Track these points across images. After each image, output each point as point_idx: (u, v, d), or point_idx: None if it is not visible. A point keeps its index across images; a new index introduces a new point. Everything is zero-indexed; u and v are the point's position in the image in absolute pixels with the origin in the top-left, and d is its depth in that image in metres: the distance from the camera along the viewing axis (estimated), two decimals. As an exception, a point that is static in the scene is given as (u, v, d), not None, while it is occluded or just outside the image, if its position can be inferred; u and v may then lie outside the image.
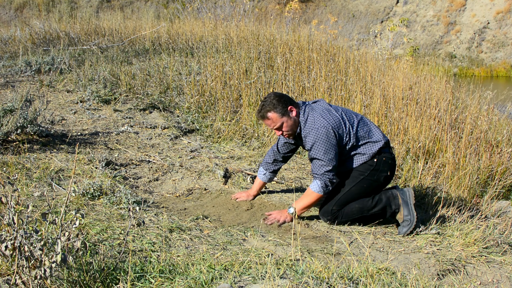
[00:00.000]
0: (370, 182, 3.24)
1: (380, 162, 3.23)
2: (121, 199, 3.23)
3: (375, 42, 11.40)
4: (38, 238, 1.96)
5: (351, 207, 3.25)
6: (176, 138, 4.67)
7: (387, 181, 3.31)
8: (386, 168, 3.25)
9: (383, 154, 3.25)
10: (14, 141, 3.94)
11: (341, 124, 3.17)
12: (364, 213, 3.26)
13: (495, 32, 29.30)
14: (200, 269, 2.32)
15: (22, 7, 28.46)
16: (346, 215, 3.26)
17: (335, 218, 3.26)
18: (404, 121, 5.12)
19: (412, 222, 3.17)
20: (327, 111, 3.20)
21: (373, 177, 3.23)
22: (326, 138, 3.09)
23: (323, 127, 3.09)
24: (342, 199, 3.24)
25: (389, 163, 3.26)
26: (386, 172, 3.25)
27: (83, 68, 5.72)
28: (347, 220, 3.28)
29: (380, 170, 3.23)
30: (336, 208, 3.24)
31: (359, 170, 3.25)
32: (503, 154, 5.00)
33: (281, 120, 3.17)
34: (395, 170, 3.35)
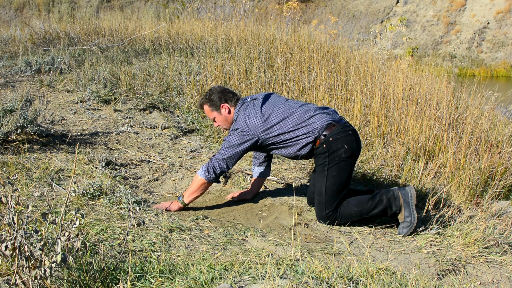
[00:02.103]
0: (337, 167, 3.20)
1: (329, 144, 3.19)
2: (121, 199, 3.23)
3: (375, 42, 11.40)
4: (38, 238, 1.96)
5: (349, 210, 3.24)
6: (176, 138, 4.67)
7: (352, 153, 3.24)
8: (340, 145, 3.19)
9: (328, 135, 3.20)
10: (14, 141, 3.95)
11: (261, 128, 3.23)
12: (364, 215, 3.26)
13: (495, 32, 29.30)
14: (200, 269, 2.32)
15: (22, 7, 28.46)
16: (345, 217, 3.25)
17: (333, 220, 3.26)
18: (404, 121, 5.12)
19: (412, 224, 3.17)
20: (253, 114, 3.27)
21: (335, 160, 3.19)
22: (238, 139, 3.21)
23: (241, 130, 3.23)
24: (328, 199, 3.22)
25: (339, 138, 3.20)
26: (343, 147, 3.19)
27: (83, 68, 5.72)
28: (346, 222, 3.27)
29: (335, 150, 3.19)
30: (329, 210, 3.23)
31: (320, 164, 3.23)
32: (503, 154, 5.00)
33: (213, 114, 3.43)
34: (353, 139, 3.27)
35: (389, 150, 4.85)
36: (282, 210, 3.48)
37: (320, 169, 3.25)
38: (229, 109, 3.39)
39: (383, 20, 30.53)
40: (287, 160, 4.52)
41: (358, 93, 5.59)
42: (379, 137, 5.10)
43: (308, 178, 4.23)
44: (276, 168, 4.31)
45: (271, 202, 3.63)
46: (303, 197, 3.81)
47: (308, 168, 4.41)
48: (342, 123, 3.27)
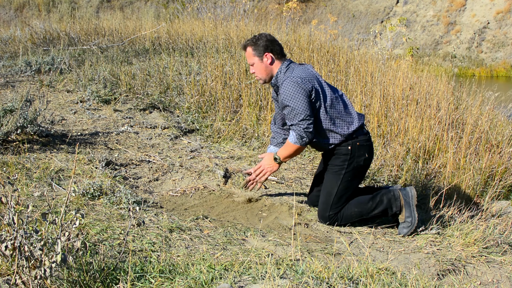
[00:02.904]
0: (353, 172, 3.23)
1: (355, 148, 3.21)
2: (121, 199, 3.23)
3: (375, 42, 11.40)
4: (38, 238, 1.96)
5: (350, 211, 3.24)
6: (176, 138, 4.67)
7: (369, 162, 3.30)
8: (362, 152, 3.23)
9: (357, 138, 3.23)
10: (14, 141, 3.94)
11: (318, 86, 3.18)
12: (364, 216, 3.26)
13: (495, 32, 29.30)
14: (200, 269, 2.32)
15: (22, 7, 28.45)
16: (345, 218, 3.25)
17: (334, 222, 3.26)
18: (404, 121, 5.12)
19: (413, 224, 3.17)
20: (309, 71, 3.23)
21: (353, 165, 3.22)
22: (300, 88, 3.10)
23: (299, 78, 3.13)
24: (335, 201, 3.23)
25: (364, 146, 3.24)
26: (364, 155, 3.23)
27: (83, 68, 5.72)
28: (346, 223, 3.28)
29: (357, 155, 3.22)
30: (333, 212, 3.24)
31: (338, 165, 3.23)
32: (503, 154, 5.00)
33: (253, 60, 3.30)
34: (373, 150, 3.35)
35: (389, 150, 4.85)
36: (282, 210, 3.48)
37: (335, 170, 3.25)
38: (272, 59, 3.26)
39: (383, 20, 30.53)
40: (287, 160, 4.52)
41: (358, 93, 5.58)
42: (379, 137, 5.10)
43: (308, 178, 4.23)
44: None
45: (271, 202, 3.63)
46: (303, 197, 3.81)
47: (308, 168, 4.41)
48: (367, 131, 3.34)
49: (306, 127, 3.11)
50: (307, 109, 3.10)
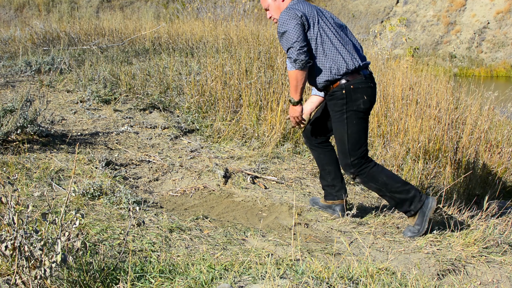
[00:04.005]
0: (355, 115, 3.16)
1: (349, 91, 3.14)
2: (121, 199, 3.23)
3: (375, 42, 11.39)
4: (38, 238, 1.96)
5: (378, 175, 3.18)
6: (176, 138, 4.67)
7: (370, 104, 3.20)
8: (359, 95, 3.15)
9: (351, 81, 3.15)
10: (14, 141, 3.95)
11: (316, 18, 3.15)
12: (385, 190, 3.19)
13: (495, 32, 29.31)
14: (200, 269, 2.32)
15: (22, 7, 28.46)
16: (371, 178, 3.19)
17: (359, 170, 3.19)
18: (404, 121, 5.12)
19: (419, 233, 3.16)
20: (310, 5, 3.20)
21: (352, 109, 3.15)
22: (293, 14, 3.08)
23: (294, 7, 3.13)
24: (351, 147, 3.17)
25: (360, 88, 3.16)
26: (362, 98, 3.15)
27: (83, 68, 5.72)
28: (368, 183, 3.22)
29: (354, 99, 3.15)
30: (354, 158, 3.17)
31: (338, 111, 3.18)
32: (503, 154, 5.00)
33: (267, 2, 3.31)
34: (374, 92, 3.25)
35: (389, 150, 4.85)
36: (282, 210, 3.48)
37: (338, 116, 3.20)
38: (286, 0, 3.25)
39: (383, 20, 30.53)
40: (287, 160, 4.53)
41: (358, 93, 5.58)
42: (379, 137, 5.10)
43: (308, 178, 4.23)
44: (276, 168, 4.31)
45: (271, 202, 3.63)
46: (303, 197, 3.81)
47: (309, 168, 4.41)
48: (367, 74, 3.23)
49: (299, 49, 3.05)
50: (300, 33, 3.06)
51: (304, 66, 3.10)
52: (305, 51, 3.07)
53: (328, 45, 3.15)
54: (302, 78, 3.14)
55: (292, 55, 3.07)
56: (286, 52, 3.12)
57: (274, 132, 4.82)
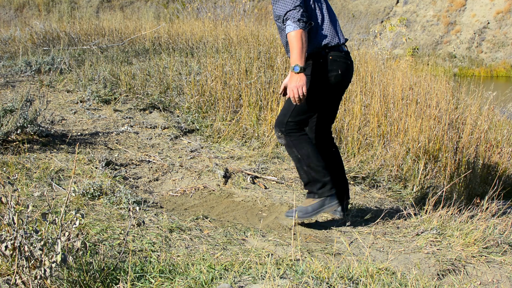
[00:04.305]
0: (321, 86, 3.07)
1: (326, 61, 3.06)
2: (121, 199, 3.23)
3: (375, 42, 11.40)
4: (38, 238, 1.96)
5: (305, 145, 3.08)
6: (176, 138, 4.67)
7: (340, 80, 3.11)
8: (335, 67, 3.07)
9: (330, 53, 3.08)
10: (14, 141, 3.95)
11: None
12: (302, 161, 3.09)
13: (495, 32, 29.31)
14: (200, 269, 2.32)
15: (22, 7, 28.46)
16: (297, 144, 3.08)
17: (288, 133, 3.08)
18: (404, 121, 5.12)
19: (304, 215, 3.09)
20: None
21: (321, 78, 3.06)
22: None
23: None
24: (296, 109, 3.05)
25: (337, 61, 3.08)
26: (336, 71, 3.07)
27: (83, 68, 5.72)
28: (293, 146, 3.09)
29: (329, 70, 3.06)
30: (292, 120, 3.06)
31: (307, 75, 3.03)
32: (503, 154, 5.00)
33: None
34: (349, 70, 3.15)
35: (389, 150, 4.85)
36: (282, 210, 3.48)
37: None
38: None
39: (383, 20, 30.53)
40: (287, 160, 4.53)
41: (358, 93, 5.59)
42: (379, 137, 5.10)
43: (308, 178, 4.23)
44: (276, 168, 4.31)
45: (271, 202, 3.63)
46: (303, 197, 3.81)
47: (308, 168, 4.41)
48: (346, 51, 3.18)
49: (303, 11, 2.93)
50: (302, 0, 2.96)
51: (307, 26, 2.97)
52: (307, 15, 2.97)
53: (319, 17, 3.08)
54: (306, 39, 2.96)
55: (296, 15, 2.91)
56: (284, 15, 2.97)
57: (274, 133, 4.82)
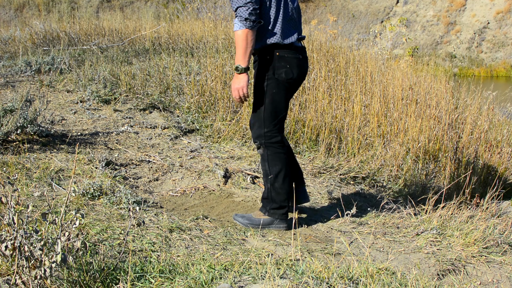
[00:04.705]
0: (276, 84, 3.06)
1: (274, 58, 3.05)
2: (121, 199, 3.23)
3: (375, 42, 11.40)
4: (38, 238, 1.96)
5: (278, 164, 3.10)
6: (176, 138, 4.67)
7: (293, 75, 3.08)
8: (283, 63, 3.05)
9: (278, 50, 3.05)
10: (14, 141, 3.95)
11: None
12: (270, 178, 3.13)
13: (495, 32, 29.31)
14: (200, 269, 2.32)
15: (22, 7, 28.46)
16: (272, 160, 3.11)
17: (269, 143, 3.10)
18: (404, 121, 5.12)
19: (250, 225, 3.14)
20: None
21: (274, 76, 3.05)
22: None
23: None
24: (267, 116, 3.07)
25: (285, 57, 3.06)
26: (285, 67, 3.05)
27: (83, 68, 5.72)
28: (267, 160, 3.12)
29: (277, 67, 3.04)
30: (268, 129, 3.08)
31: (259, 76, 3.07)
32: (503, 154, 5.01)
33: None
34: (300, 65, 3.12)
35: (389, 150, 4.85)
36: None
37: (259, 83, 3.09)
38: None
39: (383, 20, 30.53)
40: (287, 160, 4.52)
41: (358, 93, 5.59)
42: (379, 137, 5.10)
43: (308, 177, 4.23)
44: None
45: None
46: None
47: (309, 168, 4.41)
48: (299, 46, 3.14)
49: (252, 9, 2.90)
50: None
51: (254, 26, 2.94)
52: (258, 14, 2.94)
53: (272, 14, 3.04)
54: (252, 39, 2.95)
55: (243, 14, 2.90)
56: (235, 11, 2.96)
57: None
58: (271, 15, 3.03)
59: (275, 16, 3.04)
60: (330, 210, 3.57)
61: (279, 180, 3.11)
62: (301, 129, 5.05)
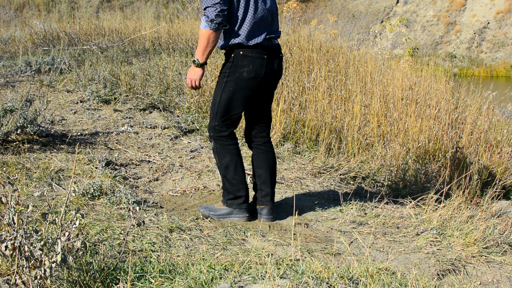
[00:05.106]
0: (235, 83, 3.10)
1: (238, 57, 3.08)
2: (121, 199, 3.23)
3: (375, 42, 11.40)
4: (38, 238, 1.96)
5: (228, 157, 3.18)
6: (176, 138, 4.67)
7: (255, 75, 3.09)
8: (246, 62, 3.07)
9: (242, 48, 3.08)
10: (14, 141, 3.95)
11: None
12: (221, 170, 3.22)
13: (495, 32, 29.31)
14: (200, 269, 2.32)
15: (22, 7, 28.46)
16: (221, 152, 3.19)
17: (217, 137, 3.17)
18: (404, 121, 5.12)
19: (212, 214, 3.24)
20: None
21: (235, 75, 3.09)
22: None
23: None
24: (219, 111, 3.13)
25: (249, 57, 3.07)
26: (248, 66, 3.07)
27: (83, 68, 5.72)
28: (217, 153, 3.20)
29: (239, 65, 3.08)
30: (218, 123, 3.15)
31: (222, 72, 3.13)
32: (503, 154, 5.01)
33: None
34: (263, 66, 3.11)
35: (389, 150, 4.85)
36: (282, 210, 3.48)
37: (220, 78, 3.16)
38: None
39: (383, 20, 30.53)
40: (287, 160, 4.53)
41: (358, 93, 5.59)
42: (379, 137, 5.10)
43: (308, 178, 4.23)
44: (276, 168, 4.31)
45: (271, 202, 3.63)
46: (303, 197, 3.81)
47: (309, 168, 4.41)
48: (265, 45, 3.13)
49: (219, 11, 2.93)
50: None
51: (219, 28, 2.99)
52: (225, 15, 2.97)
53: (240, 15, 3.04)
54: (213, 40, 3.02)
55: (210, 15, 2.94)
56: (204, 9, 3.00)
57: (274, 132, 4.82)
58: (238, 15, 3.05)
59: (242, 17, 3.06)
60: (330, 210, 3.57)
61: (230, 171, 3.19)
62: (301, 129, 5.05)
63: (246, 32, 3.06)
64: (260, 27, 3.10)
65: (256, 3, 3.09)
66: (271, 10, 3.18)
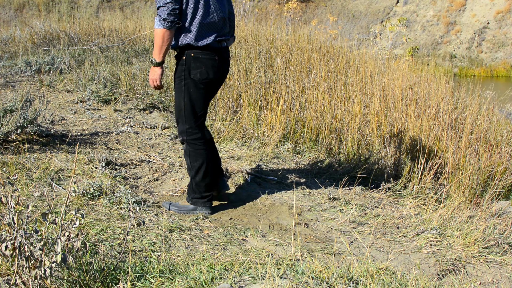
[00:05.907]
0: (193, 84, 3.17)
1: (189, 59, 3.15)
2: (121, 199, 3.23)
3: (375, 42, 11.40)
4: (38, 238, 1.96)
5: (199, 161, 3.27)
6: (176, 138, 4.67)
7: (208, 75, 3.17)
8: (198, 64, 3.14)
9: (193, 50, 3.14)
10: (14, 141, 3.95)
11: None
12: (191, 172, 3.32)
13: (495, 32, 29.30)
14: (200, 269, 2.32)
15: (22, 7, 28.46)
16: (193, 156, 3.28)
17: (191, 139, 3.25)
18: (404, 121, 5.12)
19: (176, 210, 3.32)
20: None
21: (190, 77, 3.16)
22: None
23: None
24: (187, 114, 3.22)
25: (200, 58, 3.14)
26: (200, 68, 3.15)
27: (83, 68, 5.72)
28: (188, 156, 3.29)
29: (192, 67, 3.15)
30: (189, 126, 3.23)
31: (178, 76, 3.20)
32: (503, 154, 5.01)
33: None
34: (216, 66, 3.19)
35: (389, 150, 4.85)
36: (282, 210, 3.49)
37: (178, 82, 3.22)
38: None
39: (383, 20, 30.53)
40: (287, 160, 4.53)
41: (358, 93, 5.59)
42: (379, 137, 5.10)
43: (308, 178, 4.23)
44: (276, 168, 4.31)
45: (271, 202, 3.63)
46: (303, 197, 3.81)
47: (308, 168, 4.41)
48: (216, 47, 3.19)
49: (171, 10, 2.99)
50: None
51: (172, 26, 3.04)
52: (177, 14, 3.02)
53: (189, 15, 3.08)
54: (168, 38, 3.07)
55: (163, 14, 3.00)
56: (157, 9, 3.05)
57: (274, 132, 4.82)
58: (188, 16, 3.10)
59: (192, 17, 3.11)
60: (330, 210, 3.58)
61: (200, 174, 3.30)
62: (301, 129, 5.05)
63: (195, 33, 3.12)
64: (209, 29, 3.17)
65: (206, 4, 3.13)
66: (223, 18, 3.23)
